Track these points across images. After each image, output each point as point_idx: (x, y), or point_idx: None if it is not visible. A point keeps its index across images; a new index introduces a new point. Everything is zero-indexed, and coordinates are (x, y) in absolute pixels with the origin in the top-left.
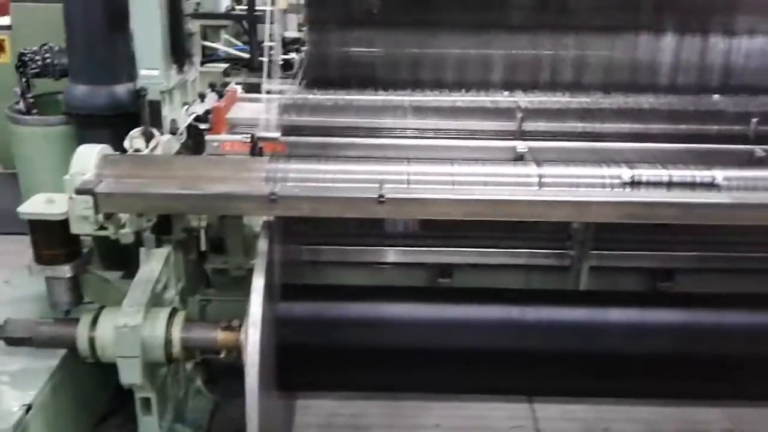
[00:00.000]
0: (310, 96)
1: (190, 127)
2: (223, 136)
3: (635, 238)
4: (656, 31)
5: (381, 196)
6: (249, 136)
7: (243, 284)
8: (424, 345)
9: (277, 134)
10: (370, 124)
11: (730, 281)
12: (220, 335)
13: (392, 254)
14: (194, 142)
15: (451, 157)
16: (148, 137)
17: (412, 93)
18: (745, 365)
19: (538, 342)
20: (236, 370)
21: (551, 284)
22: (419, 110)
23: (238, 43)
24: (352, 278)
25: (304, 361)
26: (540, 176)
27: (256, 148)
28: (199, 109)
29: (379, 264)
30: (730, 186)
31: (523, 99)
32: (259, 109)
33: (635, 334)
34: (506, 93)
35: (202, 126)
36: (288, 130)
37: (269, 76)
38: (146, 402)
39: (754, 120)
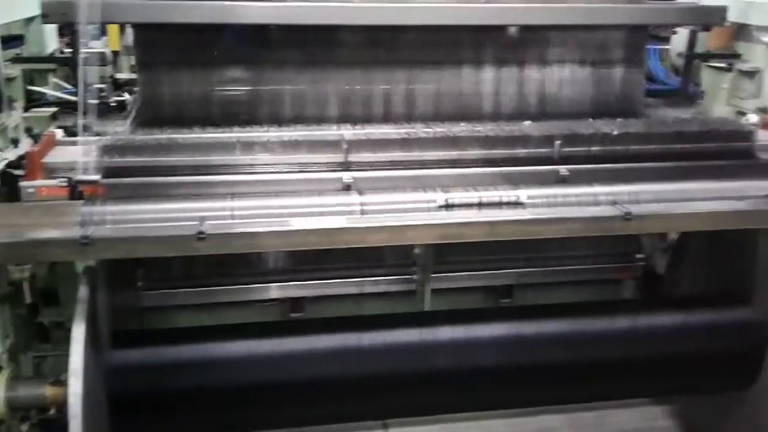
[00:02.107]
0: (133, 136)
1: (3, 174)
2: (38, 182)
3: (476, 259)
4: (477, 64)
5: (201, 232)
6: (66, 180)
7: None
8: (267, 380)
9: (96, 177)
10: (198, 162)
11: (563, 293)
12: (49, 391)
13: (243, 293)
14: (9, 189)
15: (279, 191)
16: None
17: (248, 129)
18: (578, 370)
19: (378, 365)
20: None
21: (400, 309)
22: (249, 146)
23: (68, 86)
24: (203, 320)
25: (144, 410)
26: (362, 204)
27: (75, 192)
28: (11, 155)
29: (231, 303)
30: (534, 203)
31: (349, 131)
32: (80, 152)
33: (472, 349)
34: (336, 127)
35: (17, 172)
36: (113, 171)
37: (86, 117)
38: None
39: (558, 142)
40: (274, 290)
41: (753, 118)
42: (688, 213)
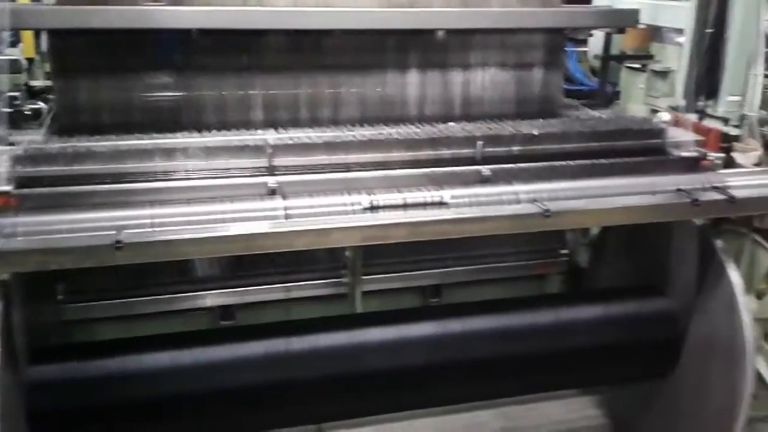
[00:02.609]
0: (48, 145)
1: None
2: None
3: (405, 260)
4: (402, 68)
5: (118, 241)
6: None
7: None
8: (196, 391)
9: (7, 187)
10: (117, 170)
11: (491, 290)
12: None
13: (171, 302)
14: None
15: (202, 197)
16: None
17: (170, 136)
18: (506, 364)
19: (308, 370)
20: None
21: (332, 312)
22: (170, 153)
23: None
24: (131, 332)
25: (65, 428)
26: (286, 208)
27: None
28: None
29: (159, 314)
30: (457, 203)
31: (273, 136)
32: None
33: (402, 350)
34: (261, 132)
35: None
36: (26, 181)
37: None
38: None
39: (480, 143)
40: (204, 299)
41: (665, 116)
42: (603, 209)
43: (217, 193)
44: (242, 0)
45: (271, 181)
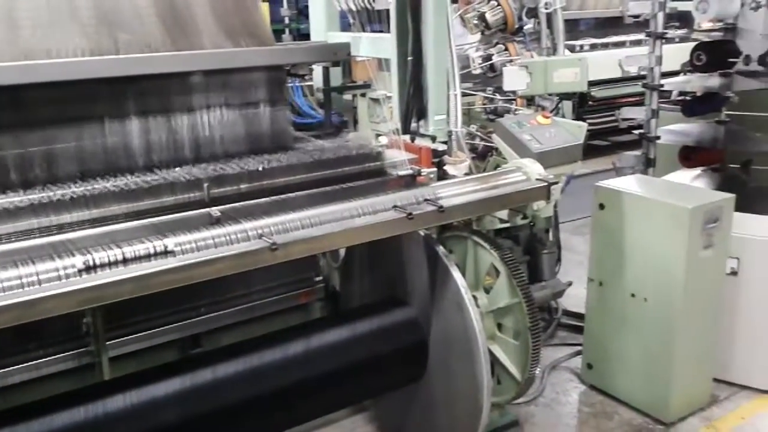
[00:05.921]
0: None
1: None
2: None
3: (155, 315)
4: (121, 117)
5: None
6: None
7: None
8: None
9: None
10: None
11: (255, 328)
12: None
13: None
14: None
15: None
16: None
17: None
18: (268, 401)
19: None
20: None
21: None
22: None
23: None
24: None
25: None
26: None
27: None
28: None
29: None
30: (184, 249)
31: None
32: None
33: (151, 412)
34: None
35: None
36: None
37: None
38: None
39: (206, 185)
40: None
41: (383, 139)
42: (328, 233)
43: None
44: None
45: None
